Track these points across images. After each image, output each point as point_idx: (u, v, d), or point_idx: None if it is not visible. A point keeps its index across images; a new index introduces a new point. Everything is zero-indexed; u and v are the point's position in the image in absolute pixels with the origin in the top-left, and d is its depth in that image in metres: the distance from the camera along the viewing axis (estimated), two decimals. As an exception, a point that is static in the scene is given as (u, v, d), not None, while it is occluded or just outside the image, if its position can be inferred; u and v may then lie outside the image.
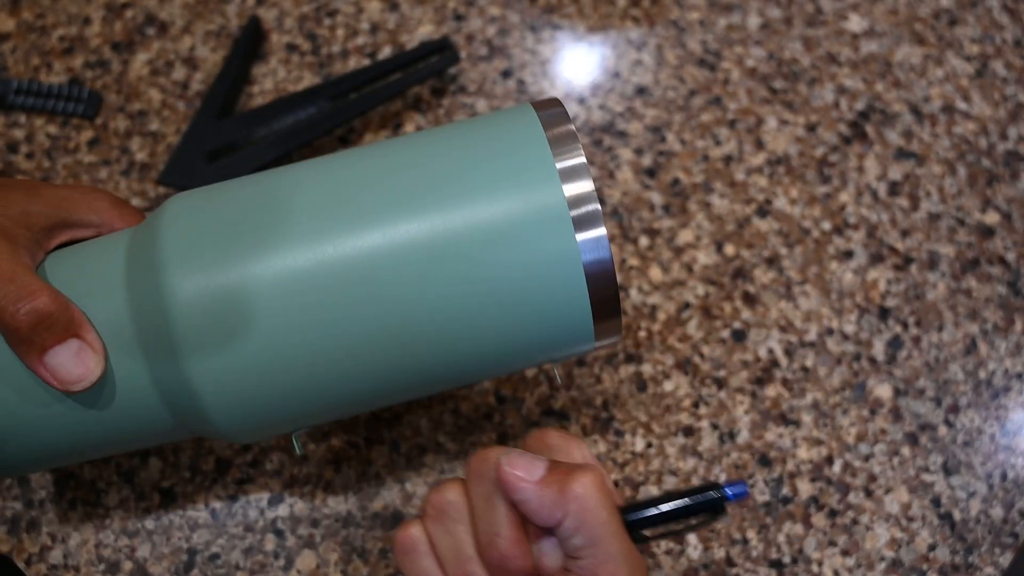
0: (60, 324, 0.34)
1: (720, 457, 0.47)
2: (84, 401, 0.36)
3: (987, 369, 0.49)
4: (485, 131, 0.37)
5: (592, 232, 0.35)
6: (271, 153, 0.51)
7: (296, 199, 0.35)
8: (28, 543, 0.46)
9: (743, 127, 0.54)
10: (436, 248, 0.34)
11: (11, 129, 0.54)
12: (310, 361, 0.35)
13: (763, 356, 0.49)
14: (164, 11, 0.57)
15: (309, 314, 0.34)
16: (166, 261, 0.35)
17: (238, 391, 0.35)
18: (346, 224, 0.35)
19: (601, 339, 0.37)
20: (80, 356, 0.35)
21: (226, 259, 0.34)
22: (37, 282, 0.35)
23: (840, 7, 0.58)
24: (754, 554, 0.46)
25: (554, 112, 0.37)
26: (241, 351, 0.34)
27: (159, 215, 0.36)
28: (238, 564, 0.45)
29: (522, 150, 0.35)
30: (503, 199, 0.35)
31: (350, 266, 0.34)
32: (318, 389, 0.36)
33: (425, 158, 0.36)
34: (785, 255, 0.51)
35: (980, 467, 0.48)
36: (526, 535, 0.35)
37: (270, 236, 0.35)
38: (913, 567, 0.46)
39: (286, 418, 0.37)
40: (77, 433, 0.37)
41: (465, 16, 0.57)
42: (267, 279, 0.34)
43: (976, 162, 0.54)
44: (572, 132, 0.36)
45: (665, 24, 0.57)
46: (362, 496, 0.47)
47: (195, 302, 0.34)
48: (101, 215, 0.40)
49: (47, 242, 0.38)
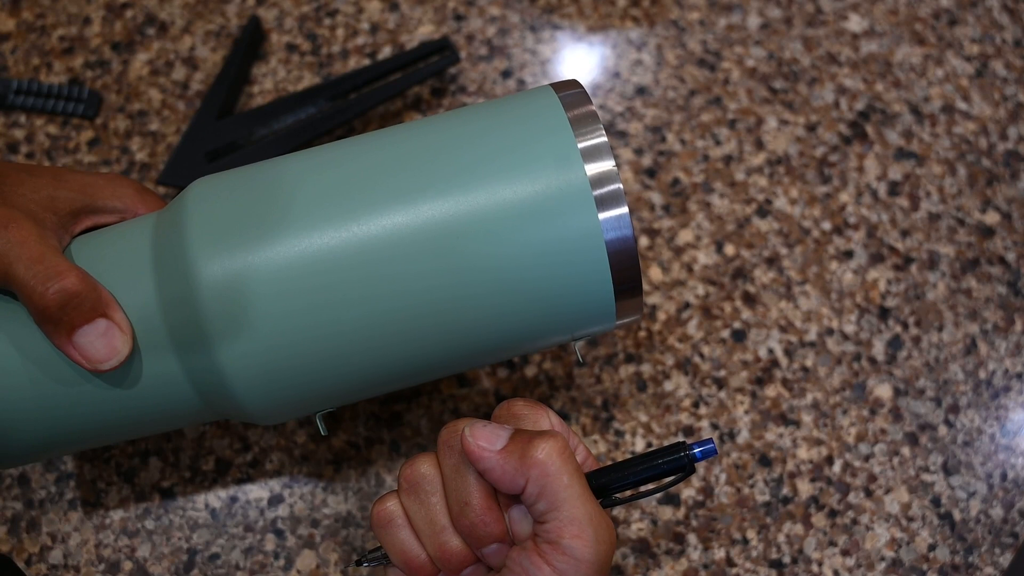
0: (88, 304, 0.35)
1: (720, 457, 0.47)
2: (112, 381, 0.36)
3: (987, 369, 0.49)
4: (507, 112, 0.37)
5: (615, 211, 0.35)
6: (271, 153, 0.51)
7: (320, 181, 0.36)
8: (28, 543, 0.46)
9: (743, 127, 0.54)
10: (460, 227, 0.35)
11: (11, 129, 0.54)
12: (337, 341, 0.35)
13: (763, 356, 0.49)
14: (164, 11, 0.57)
15: (335, 293, 0.34)
16: (192, 242, 0.35)
17: (265, 371, 0.35)
18: (371, 204, 0.35)
19: (623, 317, 0.38)
20: (108, 335, 0.35)
21: (253, 240, 0.35)
22: (65, 263, 0.35)
23: (840, 7, 0.58)
24: (754, 554, 0.46)
25: (574, 92, 0.37)
26: (268, 330, 0.35)
27: (184, 198, 0.37)
28: (238, 564, 0.45)
29: (544, 130, 0.36)
30: (526, 179, 0.35)
31: (375, 245, 0.35)
32: (345, 369, 0.36)
33: (448, 139, 0.36)
34: (785, 255, 0.51)
35: (980, 467, 0.48)
36: (497, 503, 0.36)
37: (295, 217, 0.35)
38: (913, 567, 0.46)
39: (313, 398, 0.37)
40: (105, 413, 0.37)
41: (465, 16, 0.57)
42: (293, 259, 0.34)
43: (976, 162, 0.54)
44: (593, 112, 0.36)
45: (665, 24, 0.57)
46: (362, 496, 0.47)
47: (222, 283, 0.34)
48: (125, 201, 0.40)
49: (73, 226, 0.39)
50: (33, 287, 0.34)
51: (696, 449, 0.36)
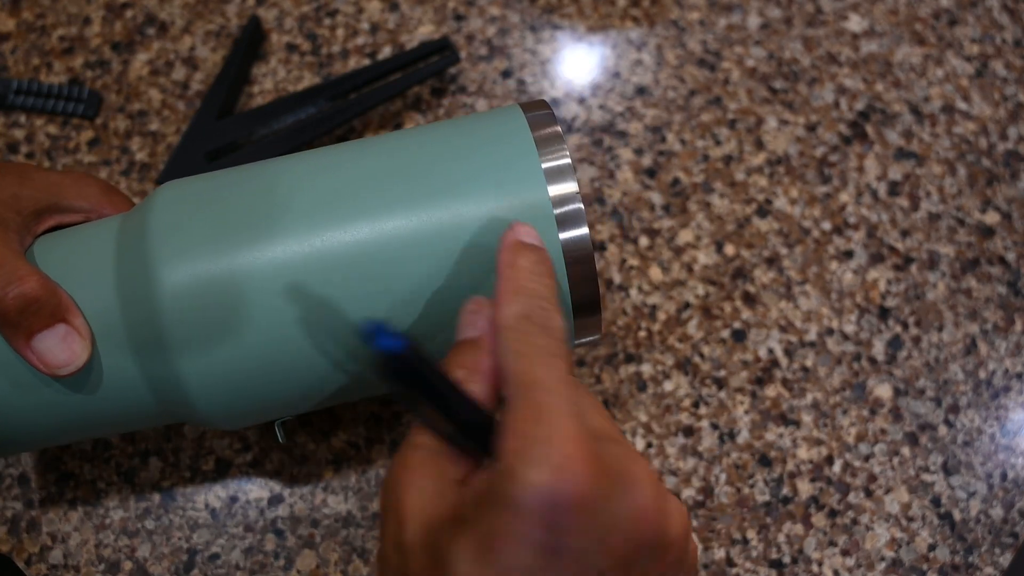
0: (48, 309, 0.34)
1: (720, 457, 0.47)
2: (70, 385, 0.36)
3: (987, 369, 0.49)
4: (475, 130, 0.37)
5: (575, 231, 0.35)
6: (271, 153, 0.51)
7: (285, 192, 0.36)
8: (28, 543, 0.46)
9: (743, 127, 0.54)
10: (423, 243, 0.35)
11: (11, 129, 0.54)
12: (296, 350, 0.35)
13: (763, 356, 0.49)
14: (164, 11, 0.57)
15: (295, 304, 0.35)
16: (155, 250, 0.35)
17: (223, 379, 0.35)
18: (335, 218, 0.35)
19: (581, 335, 0.38)
20: (67, 341, 0.35)
21: (215, 250, 0.35)
22: (26, 267, 0.35)
23: (840, 7, 0.58)
24: (754, 554, 0.46)
25: (542, 114, 0.37)
26: (227, 340, 0.35)
27: (149, 204, 0.37)
28: (238, 564, 0.45)
29: (509, 150, 0.36)
30: (490, 196, 0.35)
31: (338, 259, 0.35)
32: (303, 380, 0.36)
33: (415, 155, 0.36)
34: (785, 255, 0.51)
35: (980, 467, 0.48)
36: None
37: (259, 228, 0.35)
38: (913, 567, 0.46)
39: (271, 406, 0.37)
40: (63, 416, 0.37)
41: (465, 16, 0.57)
42: (255, 270, 0.34)
43: (976, 162, 0.54)
44: (558, 134, 0.36)
45: (665, 24, 0.57)
46: (362, 496, 0.47)
47: (183, 291, 0.34)
48: (91, 201, 0.40)
49: (36, 226, 0.38)
50: None
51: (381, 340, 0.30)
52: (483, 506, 0.27)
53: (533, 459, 0.27)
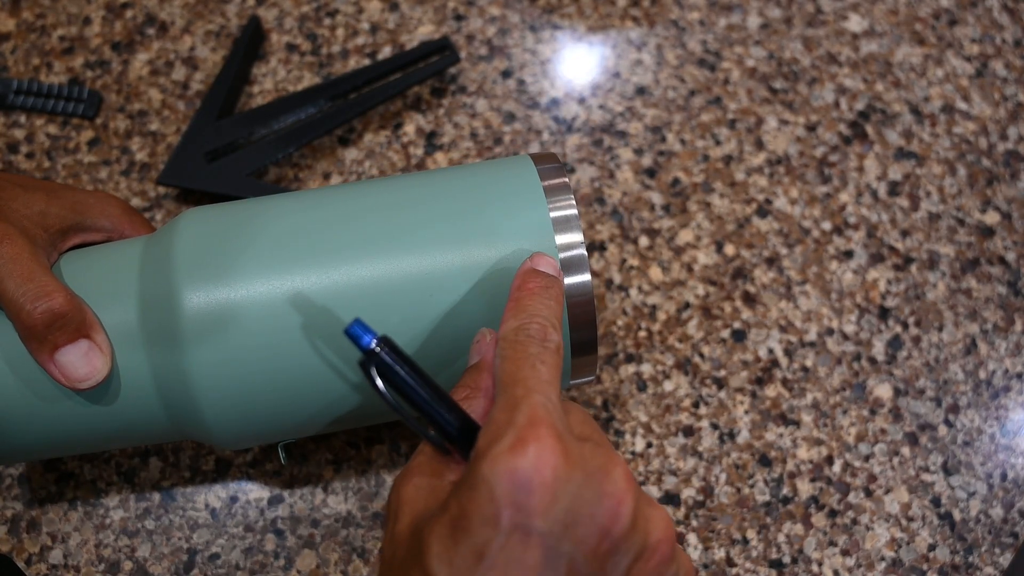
0: (73, 324, 0.36)
1: (720, 457, 0.47)
2: (89, 398, 0.37)
3: (987, 369, 0.49)
4: (489, 182, 0.39)
5: (577, 276, 0.37)
6: (271, 153, 0.51)
7: (309, 226, 0.38)
8: (28, 543, 0.46)
9: (743, 127, 0.54)
10: (431, 282, 0.37)
11: (11, 129, 0.54)
12: (310, 378, 0.37)
13: (763, 356, 0.49)
14: (164, 11, 0.57)
15: (309, 332, 0.36)
16: (178, 275, 0.37)
17: (235, 399, 0.37)
18: (347, 255, 0.37)
19: (577, 376, 0.40)
20: (89, 356, 0.36)
21: (236, 279, 0.36)
22: (54, 282, 0.36)
23: (840, 7, 0.58)
24: (754, 554, 0.46)
25: (551, 167, 0.39)
26: (243, 364, 0.36)
27: (174, 228, 0.38)
28: (238, 564, 0.45)
29: (519, 198, 0.38)
30: (498, 242, 0.37)
31: (355, 297, 0.36)
32: (315, 403, 0.38)
33: (427, 197, 0.38)
34: (785, 255, 0.51)
35: (980, 467, 0.48)
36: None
37: (281, 262, 0.37)
38: (913, 567, 0.46)
39: (280, 428, 0.39)
40: (79, 428, 0.38)
41: (465, 16, 0.57)
42: (275, 301, 0.36)
43: (976, 162, 0.54)
44: (566, 184, 0.39)
45: (665, 24, 0.57)
46: (362, 496, 0.47)
47: (203, 316, 0.36)
48: (113, 221, 0.42)
49: (61, 243, 0.40)
50: (21, 305, 0.35)
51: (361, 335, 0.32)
52: (457, 491, 0.29)
53: (502, 441, 0.29)
